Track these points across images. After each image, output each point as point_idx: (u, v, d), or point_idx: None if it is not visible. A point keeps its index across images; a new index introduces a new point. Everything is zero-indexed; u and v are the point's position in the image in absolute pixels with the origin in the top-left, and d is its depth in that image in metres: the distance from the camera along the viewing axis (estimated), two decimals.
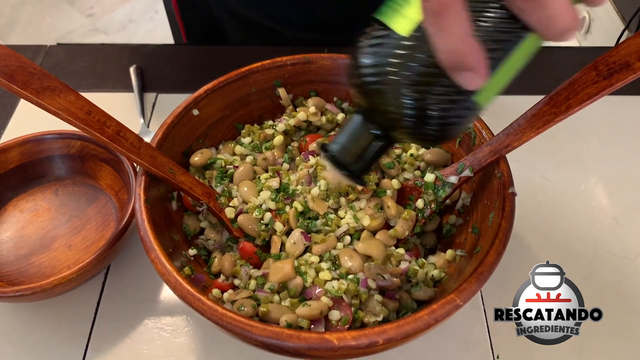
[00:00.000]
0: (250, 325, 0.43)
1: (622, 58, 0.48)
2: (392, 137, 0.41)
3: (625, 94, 0.82)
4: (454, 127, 0.38)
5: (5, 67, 0.49)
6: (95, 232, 0.64)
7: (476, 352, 0.57)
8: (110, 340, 0.58)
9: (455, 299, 0.45)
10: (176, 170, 0.55)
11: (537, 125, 0.51)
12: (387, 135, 0.40)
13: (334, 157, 0.42)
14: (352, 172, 0.42)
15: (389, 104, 0.37)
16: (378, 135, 0.40)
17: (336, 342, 0.42)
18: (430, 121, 0.37)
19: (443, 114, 0.37)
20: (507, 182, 0.52)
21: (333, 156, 0.42)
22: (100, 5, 2.60)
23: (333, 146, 0.42)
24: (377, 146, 0.41)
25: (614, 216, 0.68)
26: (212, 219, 0.59)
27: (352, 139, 0.41)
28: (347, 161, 0.42)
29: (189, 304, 0.45)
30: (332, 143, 0.42)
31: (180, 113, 0.59)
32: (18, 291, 0.53)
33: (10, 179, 0.66)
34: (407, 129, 0.38)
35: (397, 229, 0.56)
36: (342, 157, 0.42)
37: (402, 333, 0.43)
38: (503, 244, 0.48)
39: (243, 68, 0.63)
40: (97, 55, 0.89)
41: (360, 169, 0.42)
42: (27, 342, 0.58)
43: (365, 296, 0.50)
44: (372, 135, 0.40)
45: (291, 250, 0.54)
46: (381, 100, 0.37)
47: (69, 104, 0.51)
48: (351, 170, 0.42)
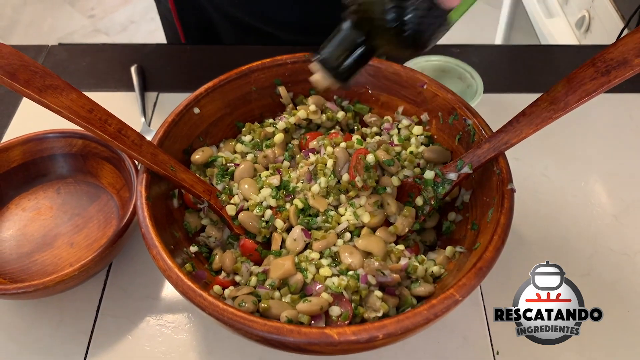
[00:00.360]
0: (251, 321, 0.44)
1: (620, 55, 0.48)
2: (375, 44, 0.47)
3: (624, 91, 0.82)
4: (428, 36, 0.45)
5: (8, 65, 0.49)
6: (97, 230, 0.64)
7: (476, 348, 0.58)
8: (112, 337, 0.58)
9: (454, 294, 0.45)
10: (177, 168, 0.56)
11: (535, 122, 0.51)
12: (370, 42, 0.47)
13: (324, 59, 0.48)
14: (339, 73, 0.49)
15: (375, 11, 0.43)
16: (362, 42, 0.47)
17: (336, 337, 0.43)
18: (407, 27, 0.43)
19: (419, 26, 0.43)
20: (506, 178, 0.53)
21: (323, 58, 0.48)
22: (101, 7, 2.61)
23: (324, 50, 0.49)
24: (361, 52, 0.48)
25: (613, 213, 0.68)
26: (213, 216, 0.59)
27: (340, 44, 0.48)
28: (334, 64, 0.48)
29: (190, 299, 0.46)
30: (323, 48, 0.49)
31: (182, 111, 0.60)
32: (21, 288, 0.54)
33: (12, 178, 0.67)
34: (389, 34, 0.44)
35: (396, 225, 0.56)
36: (330, 59, 0.48)
37: (402, 328, 0.43)
38: (502, 240, 0.49)
39: (243, 67, 0.63)
40: (98, 55, 0.90)
41: (345, 71, 0.49)
42: (30, 339, 0.58)
43: (365, 292, 0.51)
44: (358, 41, 0.47)
45: (292, 247, 0.55)
46: (368, 8, 0.44)
47: (71, 102, 0.51)
48: (338, 71, 0.49)
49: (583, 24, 1.30)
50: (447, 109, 0.61)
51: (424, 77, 0.62)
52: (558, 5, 1.44)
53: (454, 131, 0.60)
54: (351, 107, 0.67)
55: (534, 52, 0.93)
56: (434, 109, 0.62)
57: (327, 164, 0.57)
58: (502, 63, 0.90)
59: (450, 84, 0.74)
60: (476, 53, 0.89)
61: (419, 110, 0.64)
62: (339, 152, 0.58)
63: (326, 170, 0.57)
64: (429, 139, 0.63)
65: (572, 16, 1.37)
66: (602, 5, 1.23)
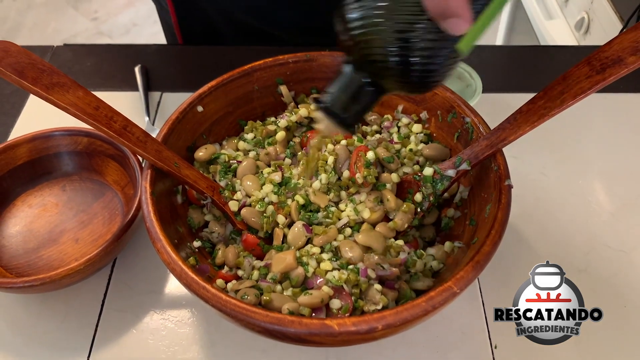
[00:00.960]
0: (253, 312, 0.45)
1: (615, 53, 0.49)
2: (381, 85, 0.43)
3: (621, 91, 0.83)
4: (437, 74, 0.41)
5: (17, 63, 0.50)
6: (101, 227, 0.66)
7: (474, 342, 0.59)
8: (116, 331, 0.59)
9: (452, 287, 0.46)
10: (181, 164, 0.57)
11: (532, 119, 0.52)
12: (375, 83, 0.43)
13: (327, 107, 0.44)
14: (344, 120, 0.45)
15: (376, 52, 0.40)
16: (367, 84, 0.43)
17: (336, 328, 0.44)
18: (415, 67, 0.39)
19: (427, 61, 0.39)
20: (503, 174, 0.54)
21: (326, 106, 0.44)
22: (105, 9, 2.63)
23: (326, 97, 0.44)
24: (367, 95, 0.44)
25: (610, 211, 0.69)
26: (216, 212, 0.60)
27: (343, 89, 0.44)
28: (338, 111, 0.44)
29: (194, 291, 0.47)
30: (325, 94, 0.45)
31: (185, 109, 0.61)
32: (27, 282, 0.55)
33: (19, 175, 0.68)
34: (394, 76, 0.41)
35: (396, 221, 0.57)
36: (334, 107, 0.44)
37: (401, 319, 0.44)
38: (499, 234, 0.50)
39: (246, 66, 0.65)
40: (102, 55, 0.91)
41: (351, 117, 0.45)
42: (37, 333, 0.59)
43: (365, 285, 0.52)
44: (362, 84, 0.43)
45: (293, 242, 0.56)
46: (369, 50, 0.40)
47: (77, 100, 0.52)
48: (343, 119, 0.45)
49: (582, 26, 1.31)
50: (446, 108, 0.62)
51: None
52: (558, 7, 1.45)
53: (453, 129, 0.62)
54: None
55: (532, 53, 0.94)
56: (433, 107, 0.63)
57: (328, 160, 0.58)
58: (500, 63, 0.91)
59: (450, 83, 0.75)
60: (475, 53, 0.90)
61: (419, 108, 0.65)
62: (340, 149, 0.59)
63: (327, 167, 0.58)
64: (428, 137, 0.64)
65: (572, 18, 1.38)
66: (601, 6, 1.24)
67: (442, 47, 0.39)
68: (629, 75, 0.49)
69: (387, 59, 0.39)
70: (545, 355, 0.57)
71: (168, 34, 1.05)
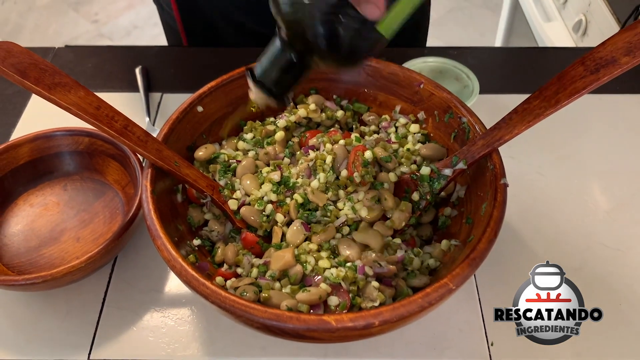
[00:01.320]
0: (252, 308, 0.45)
1: (609, 54, 0.50)
2: (307, 61, 0.47)
3: (617, 92, 0.84)
4: (359, 53, 0.46)
5: (19, 64, 0.51)
6: (102, 225, 0.66)
7: (471, 339, 0.59)
8: (117, 328, 0.60)
9: (448, 283, 0.47)
10: (181, 164, 0.57)
11: (527, 119, 0.53)
12: (302, 59, 0.47)
13: (258, 80, 0.49)
14: (273, 92, 0.49)
15: (305, 32, 0.44)
16: (296, 60, 0.47)
17: (334, 324, 0.44)
18: (339, 46, 0.44)
19: (350, 41, 0.44)
20: (499, 173, 0.54)
21: (257, 79, 0.49)
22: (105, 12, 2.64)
23: (257, 69, 0.49)
24: (294, 70, 0.48)
25: (606, 209, 0.70)
26: (215, 210, 0.61)
27: (273, 64, 0.48)
28: (268, 83, 0.49)
29: (194, 288, 0.47)
30: (257, 66, 0.49)
31: (185, 109, 0.62)
32: (29, 279, 0.55)
33: (20, 175, 0.69)
34: (321, 53, 0.45)
35: (393, 220, 0.58)
36: (264, 79, 0.49)
37: (397, 315, 0.45)
38: (495, 232, 0.50)
39: (245, 66, 0.65)
40: (103, 56, 0.92)
41: (280, 90, 0.49)
42: (38, 330, 0.60)
43: (362, 283, 0.52)
44: (290, 60, 0.47)
45: (292, 240, 0.56)
46: (298, 30, 0.44)
47: (79, 100, 0.53)
48: (272, 91, 0.49)
49: (580, 28, 1.32)
50: (443, 108, 0.63)
51: (421, 77, 0.64)
52: (556, 10, 1.46)
53: (450, 129, 0.62)
54: (350, 106, 0.69)
55: (530, 54, 0.95)
56: (430, 107, 0.64)
57: (326, 160, 0.59)
58: (498, 65, 0.92)
59: (447, 84, 0.76)
60: (473, 55, 0.91)
61: (416, 109, 0.66)
62: (338, 148, 0.60)
63: (325, 166, 0.59)
64: (425, 137, 0.65)
65: (570, 20, 1.39)
66: (599, 9, 1.25)
67: (363, 29, 0.44)
68: (624, 77, 0.50)
69: (314, 39, 0.44)
70: (541, 352, 0.58)
71: (169, 35, 1.06)
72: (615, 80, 0.49)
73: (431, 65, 0.80)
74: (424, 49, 0.97)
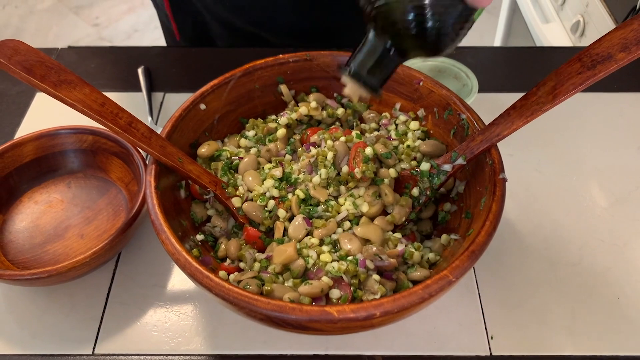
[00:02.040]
0: (255, 300, 0.46)
1: (605, 50, 0.51)
2: (402, 48, 0.47)
3: (615, 91, 0.85)
4: (450, 37, 0.46)
5: (25, 61, 0.52)
6: (106, 222, 0.67)
7: (471, 333, 0.60)
8: (121, 323, 0.61)
9: (448, 275, 0.47)
10: (185, 160, 0.58)
11: (525, 114, 0.53)
12: (397, 47, 0.47)
13: (354, 72, 0.49)
14: (369, 84, 0.49)
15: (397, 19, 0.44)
16: (390, 48, 0.47)
17: (336, 315, 0.45)
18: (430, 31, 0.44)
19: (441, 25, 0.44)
20: (498, 168, 0.55)
21: (353, 71, 0.49)
22: (106, 15, 2.65)
23: (352, 62, 0.49)
24: (389, 58, 0.48)
25: (603, 206, 0.71)
26: (218, 206, 0.62)
27: (367, 55, 0.48)
28: (364, 74, 0.49)
29: (198, 281, 0.48)
30: (351, 60, 0.49)
31: (188, 107, 0.62)
32: (35, 274, 0.56)
33: (25, 172, 0.69)
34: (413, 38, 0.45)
35: (394, 214, 0.59)
36: (361, 71, 0.49)
37: (398, 306, 0.46)
38: (493, 225, 0.51)
39: (247, 65, 0.66)
40: (106, 57, 0.93)
41: (376, 80, 0.49)
42: (43, 325, 0.60)
43: (363, 276, 0.53)
44: (385, 49, 0.47)
45: (294, 235, 0.57)
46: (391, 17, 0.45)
47: (84, 96, 0.54)
48: (368, 82, 0.49)
49: (578, 29, 1.33)
50: (442, 105, 0.63)
51: (420, 75, 0.65)
52: (554, 11, 1.47)
53: (449, 125, 0.63)
54: (350, 103, 0.70)
55: (528, 54, 0.96)
56: (429, 104, 0.65)
57: (327, 156, 0.60)
58: (497, 64, 0.93)
59: (447, 83, 0.77)
60: (471, 54, 0.92)
61: (416, 106, 0.66)
62: (339, 145, 0.61)
63: (326, 163, 0.60)
64: (425, 134, 0.66)
65: (567, 21, 1.40)
66: (596, 9, 1.26)
67: (455, 13, 0.44)
68: (621, 74, 0.50)
69: (406, 24, 0.44)
70: (540, 345, 0.58)
71: (166, 34, 1.07)
72: (613, 79, 0.50)
73: (430, 64, 0.81)
74: None
